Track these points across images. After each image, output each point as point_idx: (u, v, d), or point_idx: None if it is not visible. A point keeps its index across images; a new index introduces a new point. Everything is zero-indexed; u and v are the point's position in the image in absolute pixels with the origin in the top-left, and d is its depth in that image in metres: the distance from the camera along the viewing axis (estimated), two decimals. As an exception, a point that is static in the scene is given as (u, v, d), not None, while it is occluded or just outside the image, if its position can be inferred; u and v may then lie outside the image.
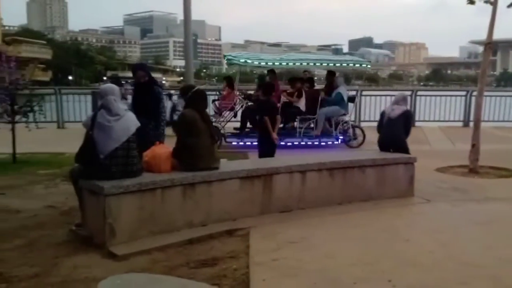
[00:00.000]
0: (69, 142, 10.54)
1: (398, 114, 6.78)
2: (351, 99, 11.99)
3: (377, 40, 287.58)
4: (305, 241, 4.64)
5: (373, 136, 8.36)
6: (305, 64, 11.57)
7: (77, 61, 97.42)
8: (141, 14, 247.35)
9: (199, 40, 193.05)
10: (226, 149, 10.03)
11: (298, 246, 4.52)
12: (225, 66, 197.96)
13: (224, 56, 11.95)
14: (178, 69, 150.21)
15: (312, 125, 11.13)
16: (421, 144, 10.98)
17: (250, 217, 5.29)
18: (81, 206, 4.89)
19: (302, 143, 10.91)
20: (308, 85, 11.73)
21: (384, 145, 6.90)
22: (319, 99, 10.98)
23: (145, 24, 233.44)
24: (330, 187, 5.94)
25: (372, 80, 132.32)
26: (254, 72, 12.89)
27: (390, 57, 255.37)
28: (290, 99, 11.27)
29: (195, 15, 8.11)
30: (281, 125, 10.11)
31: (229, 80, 12.09)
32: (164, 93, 7.17)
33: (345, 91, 11.37)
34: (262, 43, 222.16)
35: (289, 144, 10.76)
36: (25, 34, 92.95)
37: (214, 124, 10.17)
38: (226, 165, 5.64)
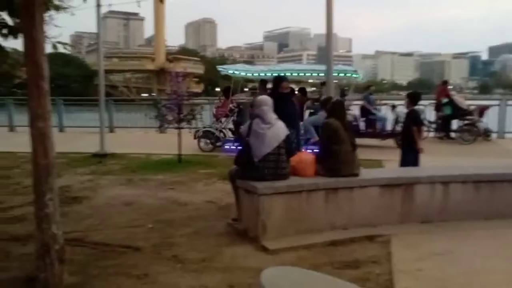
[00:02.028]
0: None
1: None
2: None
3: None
4: (450, 254, 4.38)
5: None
6: (290, 74, 11.05)
7: (223, 75, 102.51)
8: (279, 30, 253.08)
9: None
10: (220, 152, 10.38)
11: (443, 258, 4.29)
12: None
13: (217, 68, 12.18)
14: (310, 80, 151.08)
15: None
16: None
17: (389, 224, 5.15)
18: (237, 203, 5.19)
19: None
20: (300, 95, 11.59)
21: None
22: (304, 108, 10.95)
23: (282, 39, 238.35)
24: (475, 200, 5.44)
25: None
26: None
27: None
28: None
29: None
30: None
31: (225, 91, 11.96)
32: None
33: None
34: (393, 53, 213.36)
35: None
36: (183, 52, 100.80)
37: (210, 129, 11.10)
38: (366, 172, 5.58)
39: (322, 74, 10.98)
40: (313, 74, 12.05)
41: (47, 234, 3.56)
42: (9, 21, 7.58)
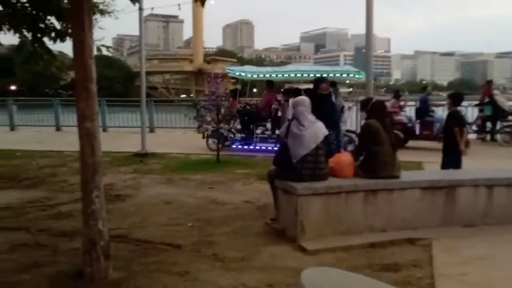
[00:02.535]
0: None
1: None
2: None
3: None
4: (494, 259, 4.24)
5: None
6: (294, 75, 11.54)
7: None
8: (316, 31, 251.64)
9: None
10: (228, 151, 10.59)
11: (487, 263, 4.16)
12: (394, 77, 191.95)
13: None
14: (347, 81, 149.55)
15: None
16: None
17: (430, 227, 5.03)
18: (275, 203, 5.20)
19: None
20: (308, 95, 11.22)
21: None
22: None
23: (318, 40, 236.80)
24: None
25: None
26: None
27: None
28: (279, 107, 11.25)
29: (365, 29, 8.00)
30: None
31: (233, 92, 12.03)
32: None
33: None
34: (434, 53, 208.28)
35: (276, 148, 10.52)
36: (221, 54, 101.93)
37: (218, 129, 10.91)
38: (407, 174, 5.48)
39: (326, 75, 10.89)
40: (317, 75, 11.85)
41: (94, 230, 3.67)
42: (57, 25, 7.90)
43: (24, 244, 4.60)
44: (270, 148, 10.62)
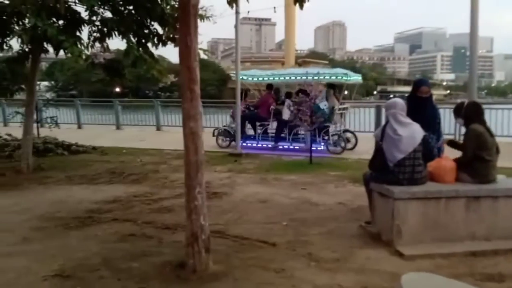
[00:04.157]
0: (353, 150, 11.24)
1: None
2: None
3: None
4: None
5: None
6: (291, 78, 12.23)
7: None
8: (411, 31, 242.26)
9: (468, 53, 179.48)
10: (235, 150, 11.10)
11: None
12: (496, 78, 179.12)
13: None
14: (444, 83, 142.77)
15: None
16: None
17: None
18: (370, 206, 5.12)
19: (291, 146, 11.60)
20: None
21: None
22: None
23: (414, 41, 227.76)
24: None
25: None
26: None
27: None
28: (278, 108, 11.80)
29: (465, 28, 7.53)
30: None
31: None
32: None
33: (323, 102, 10.94)
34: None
35: (279, 147, 11.69)
36: (313, 55, 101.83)
37: (226, 128, 12.36)
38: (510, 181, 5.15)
39: (322, 77, 11.75)
40: (315, 78, 11.88)
41: (196, 224, 3.87)
42: (160, 30, 8.41)
43: (132, 235, 4.96)
44: (270, 146, 11.67)
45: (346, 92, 13.84)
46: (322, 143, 11.29)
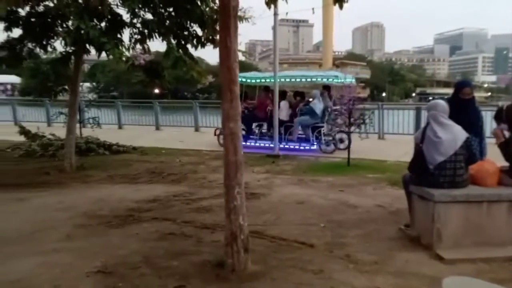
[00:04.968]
0: (389, 151, 11.10)
1: None
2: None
3: None
4: None
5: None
6: (283, 80, 12.52)
7: (390, 79, 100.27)
8: (452, 32, 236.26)
9: (511, 54, 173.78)
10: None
11: None
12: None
13: None
14: (485, 85, 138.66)
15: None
16: None
17: None
18: (410, 209, 5.03)
19: (286, 146, 11.80)
20: (300, 98, 12.75)
21: None
22: (297, 110, 12.08)
23: (454, 42, 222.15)
24: None
25: None
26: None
27: None
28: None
29: (508, 29, 7.29)
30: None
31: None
32: None
33: (316, 103, 11.60)
34: None
35: (266, 145, 11.98)
36: (350, 57, 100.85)
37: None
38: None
39: (315, 80, 12.51)
40: (307, 80, 12.89)
41: (235, 224, 3.91)
42: (199, 32, 8.52)
43: (171, 234, 5.04)
44: (267, 144, 11.92)
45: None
46: (315, 143, 11.66)
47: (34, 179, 8.18)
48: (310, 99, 12.48)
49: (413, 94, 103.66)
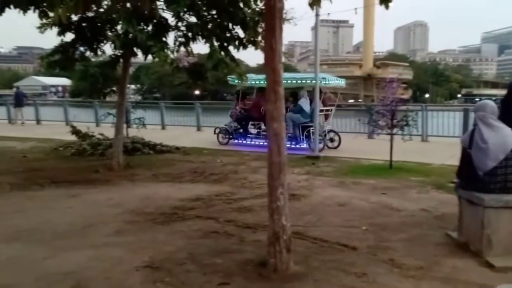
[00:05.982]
0: (433, 154, 10.82)
1: None
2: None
3: None
4: None
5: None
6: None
7: (434, 80, 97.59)
8: (500, 30, 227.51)
9: None
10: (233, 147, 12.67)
11: None
12: None
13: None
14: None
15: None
16: None
17: None
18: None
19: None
20: (292, 99, 12.76)
21: None
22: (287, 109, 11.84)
23: (503, 41, 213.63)
24: None
25: None
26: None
27: None
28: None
29: None
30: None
31: (237, 95, 14.05)
32: None
33: (304, 102, 12.18)
34: None
35: (261, 144, 12.26)
36: (391, 58, 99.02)
37: (226, 127, 13.69)
38: None
39: (309, 81, 12.22)
40: (302, 81, 12.77)
41: (278, 224, 3.91)
42: (241, 34, 8.58)
43: (215, 232, 5.11)
44: (262, 143, 12.15)
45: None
46: (305, 142, 11.98)
47: (84, 177, 8.48)
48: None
49: (459, 95, 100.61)
